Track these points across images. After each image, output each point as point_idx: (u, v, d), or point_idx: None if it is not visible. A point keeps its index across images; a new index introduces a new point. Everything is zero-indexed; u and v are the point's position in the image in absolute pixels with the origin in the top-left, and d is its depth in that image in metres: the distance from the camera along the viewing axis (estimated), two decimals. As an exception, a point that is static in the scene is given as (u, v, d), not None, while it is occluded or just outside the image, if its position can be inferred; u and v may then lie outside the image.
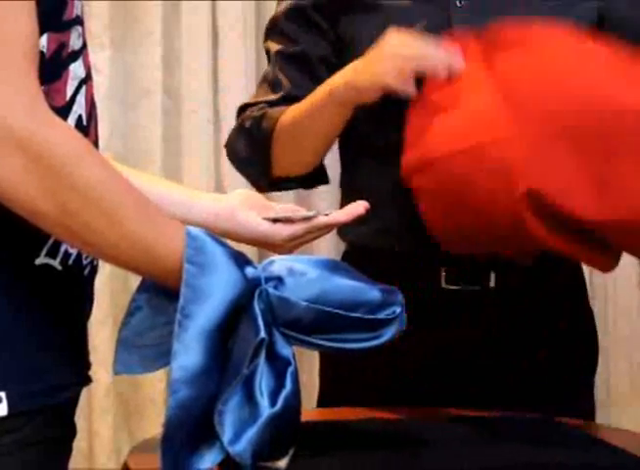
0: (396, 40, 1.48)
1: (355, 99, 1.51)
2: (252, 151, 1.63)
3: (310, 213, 1.32)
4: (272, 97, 1.65)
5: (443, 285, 1.56)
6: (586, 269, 2.68)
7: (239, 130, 1.66)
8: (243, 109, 1.69)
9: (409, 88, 1.45)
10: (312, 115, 1.55)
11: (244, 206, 1.33)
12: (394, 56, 1.46)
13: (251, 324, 1.04)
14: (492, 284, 1.58)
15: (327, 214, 1.33)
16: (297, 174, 1.63)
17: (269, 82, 1.67)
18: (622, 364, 2.73)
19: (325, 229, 1.36)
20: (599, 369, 2.70)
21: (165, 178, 2.60)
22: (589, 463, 1.14)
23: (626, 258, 2.72)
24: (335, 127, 1.56)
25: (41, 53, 1.03)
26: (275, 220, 1.32)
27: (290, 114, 1.59)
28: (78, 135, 1.01)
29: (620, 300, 2.73)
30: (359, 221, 1.38)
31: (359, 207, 1.36)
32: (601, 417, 2.68)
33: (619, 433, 1.43)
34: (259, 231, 1.33)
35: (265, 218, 1.33)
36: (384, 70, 1.46)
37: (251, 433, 1.02)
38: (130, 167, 1.82)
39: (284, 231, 1.33)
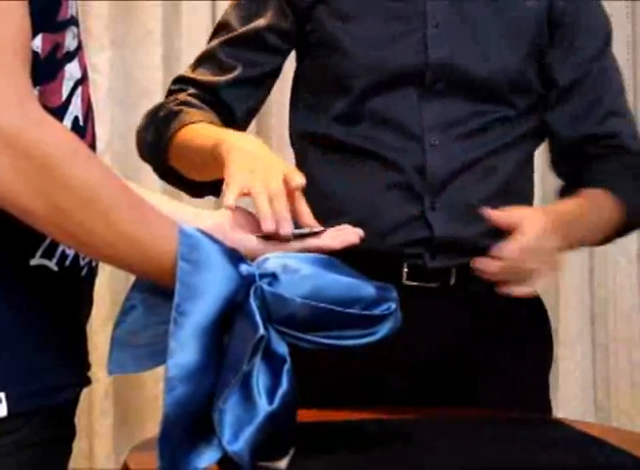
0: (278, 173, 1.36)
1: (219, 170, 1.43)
2: (155, 142, 1.59)
3: (306, 231, 1.30)
4: (218, 78, 1.62)
5: (404, 281, 1.57)
6: (587, 270, 2.70)
7: (153, 115, 1.63)
8: (178, 81, 1.66)
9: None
10: (195, 150, 1.51)
11: (234, 223, 1.28)
12: (260, 181, 1.35)
13: (248, 321, 1.04)
14: (452, 281, 1.58)
15: (318, 232, 1.30)
16: (192, 179, 1.60)
17: (217, 62, 1.64)
18: (622, 364, 2.73)
19: (316, 251, 1.31)
20: (599, 369, 2.73)
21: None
22: (589, 463, 1.14)
23: (626, 259, 2.73)
24: (208, 173, 1.52)
25: (36, 53, 1.03)
26: (267, 237, 1.29)
27: (189, 134, 1.54)
28: (71, 134, 1.01)
29: (620, 300, 2.73)
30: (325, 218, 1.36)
31: (354, 236, 1.32)
32: (601, 417, 2.69)
33: (619, 433, 1.43)
34: (251, 249, 1.24)
35: (259, 236, 1.29)
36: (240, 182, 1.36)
37: (248, 432, 1.02)
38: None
39: (275, 250, 1.28)
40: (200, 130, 1.54)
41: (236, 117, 1.64)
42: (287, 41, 1.64)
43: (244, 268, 1.06)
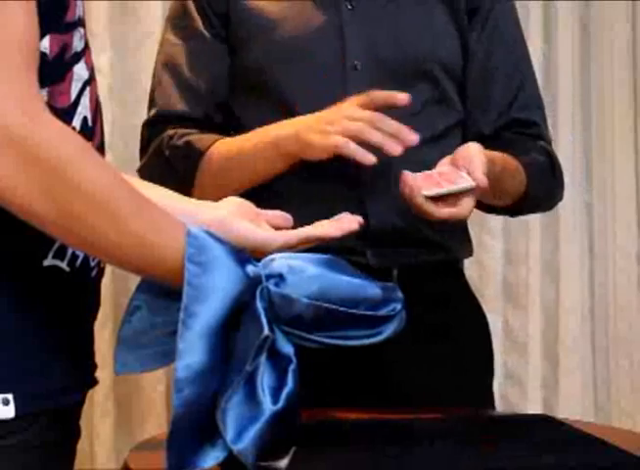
0: (351, 108, 1.48)
1: (305, 154, 1.50)
2: (173, 179, 1.59)
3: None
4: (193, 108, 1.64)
5: None
6: (587, 270, 2.70)
7: (157, 157, 1.65)
8: (162, 121, 1.66)
9: (359, 155, 1.45)
10: (250, 157, 1.55)
11: (237, 214, 1.30)
12: (348, 121, 1.47)
13: (254, 322, 1.04)
14: (394, 281, 1.58)
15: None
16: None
17: (183, 85, 1.65)
18: (623, 364, 2.73)
19: (316, 241, 1.32)
20: (599, 369, 2.73)
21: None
22: (589, 463, 1.14)
23: (626, 258, 2.73)
24: (272, 173, 1.56)
25: (44, 54, 1.03)
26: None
27: (223, 148, 1.58)
28: (77, 136, 1.01)
29: (621, 299, 2.73)
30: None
31: (354, 223, 1.34)
32: (601, 417, 2.69)
33: (619, 433, 1.43)
34: (254, 240, 1.28)
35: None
36: (335, 132, 1.46)
37: (253, 431, 1.03)
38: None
39: (276, 242, 1.28)
40: (230, 145, 1.58)
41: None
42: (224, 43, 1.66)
43: (250, 269, 1.06)
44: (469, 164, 1.46)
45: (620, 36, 2.69)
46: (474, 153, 1.49)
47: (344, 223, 1.32)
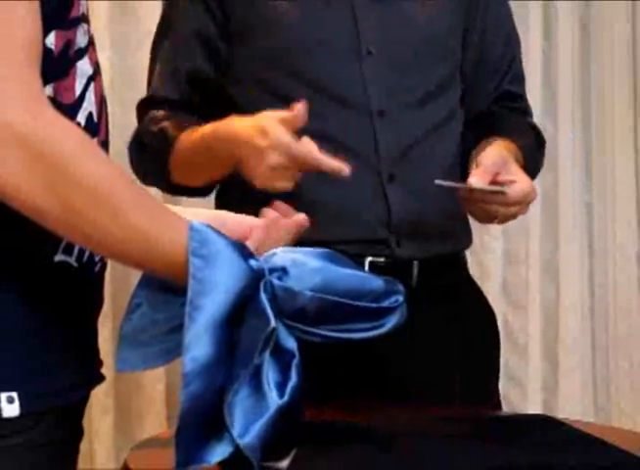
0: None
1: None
2: (152, 164, 1.64)
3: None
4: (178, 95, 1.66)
5: None
6: (587, 270, 2.70)
7: (138, 143, 1.69)
8: (146, 104, 1.70)
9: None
10: (206, 151, 1.52)
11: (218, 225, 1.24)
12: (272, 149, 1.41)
13: (258, 315, 1.04)
14: (414, 280, 1.59)
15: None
16: (194, 186, 1.63)
17: (173, 70, 1.67)
18: (622, 364, 2.73)
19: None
20: (599, 369, 2.74)
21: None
22: (589, 463, 1.14)
23: (626, 258, 2.73)
24: (229, 168, 1.52)
25: (49, 50, 1.04)
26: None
27: (187, 139, 1.56)
28: (80, 132, 1.02)
29: (620, 300, 2.73)
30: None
31: (306, 222, 1.27)
32: (601, 417, 2.69)
33: (619, 433, 1.43)
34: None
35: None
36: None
37: (259, 425, 1.03)
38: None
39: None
40: (196, 133, 1.56)
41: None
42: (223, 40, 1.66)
43: (253, 263, 1.06)
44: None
45: (620, 36, 2.69)
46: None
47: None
